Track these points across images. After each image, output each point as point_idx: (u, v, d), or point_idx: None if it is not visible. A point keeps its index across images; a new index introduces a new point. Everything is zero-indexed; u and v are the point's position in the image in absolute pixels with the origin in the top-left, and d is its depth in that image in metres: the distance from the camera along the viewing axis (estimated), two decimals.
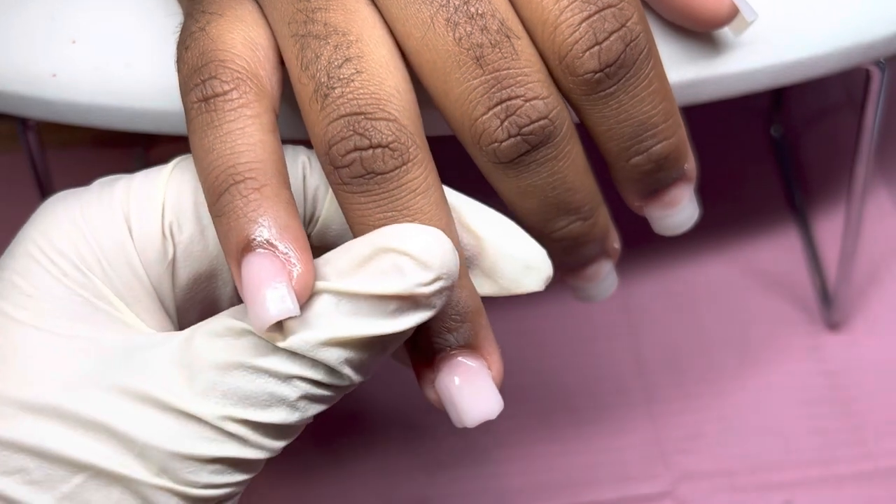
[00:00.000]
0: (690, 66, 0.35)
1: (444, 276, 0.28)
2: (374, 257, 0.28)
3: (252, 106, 0.29)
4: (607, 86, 0.30)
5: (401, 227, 0.29)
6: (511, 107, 0.30)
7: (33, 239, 0.30)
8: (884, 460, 0.45)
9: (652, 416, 0.47)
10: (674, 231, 0.34)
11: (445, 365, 0.30)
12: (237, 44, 0.30)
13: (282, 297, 0.27)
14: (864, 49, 0.36)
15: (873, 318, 0.49)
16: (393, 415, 0.47)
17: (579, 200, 0.32)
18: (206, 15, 0.30)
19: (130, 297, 0.30)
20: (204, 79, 0.29)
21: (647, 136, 0.31)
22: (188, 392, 0.28)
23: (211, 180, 0.29)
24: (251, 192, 0.28)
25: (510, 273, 0.31)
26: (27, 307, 0.29)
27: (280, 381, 0.28)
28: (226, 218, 0.28)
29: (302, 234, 0.28)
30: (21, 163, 0.44)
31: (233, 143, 0.28)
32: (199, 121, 0.29)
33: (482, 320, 0.31)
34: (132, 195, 0.31)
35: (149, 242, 0.30)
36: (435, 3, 0.29)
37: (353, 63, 0.29)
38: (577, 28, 0.29)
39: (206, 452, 0.28)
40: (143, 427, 0.28)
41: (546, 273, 0.31)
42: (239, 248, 0.28)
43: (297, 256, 0.28)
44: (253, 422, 0.28)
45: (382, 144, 0.29)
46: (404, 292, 0.28)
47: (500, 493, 0.45)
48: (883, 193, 0.53)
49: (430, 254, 0.28)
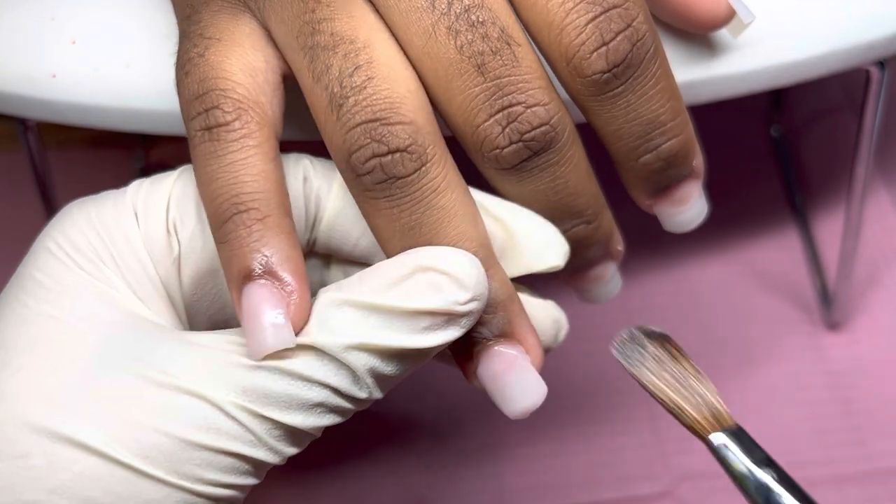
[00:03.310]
0: (690, 68, 0.35)
1: (478, 297, 0.29)
2: (411, 275, 0.29)
3: (254, 136, 0.30)
4: (615, 86, 0.30)
5: (438, 249, 0.30)
6: (512, 113, 0.30)
7: (52, 236, 0.31)
8: (884, 460, 0.45)
9: (652, 416, 0.47)
10: (684, 228, 0.34)
11: (484, 356, 0.31)
12: (236, 71, 0.30)
13: (279, 328, 0.28)
14: (864, 50, 0.36)
15: (873, 318, 0.49)
16: (393, 415, 0.47)
17: (582, 204, 0.32)
18: (204, 40, 0.31)
19: (142, 293, 0.31)
20: (206, 108, 0.30)
21: (655, 134, 0.31)
22: (209, 381, 0.28)
23: (214, 208, 0.29)
24: (254, 223, 0.29)
25: (533, 251, 0.32)
26: (48, 300, 0.30)
27: (302, 383, 0.29)
28: (228, 246, 0.29)
29: (302, 266, 0.29)
30: (21, 163, 0.44)
31: (236, 173, 0.29)
32: (203, 149, 0.30)
33: (514, 307, 0.31)
34: (142, 194, 0.32)
35: (155, 238, 0.31)
36: (436, 12, 0.29)
37: (364, 70, 0.29)
38: (584, 29, 0.30)
39: (217, 444, 0.28)
40: (159, 412, 0.28)
41: (564, 248, 0.32)
42: (241, 276, 0.29)
43: (295, 287, 0.29)
44: (269, 419, 0.28)
45: (400, 148, 0.29)
46: (440, 309, 0.29)
47: (500, 493, 0.45)
48: (883, 193, 0.53)
49: (468, 274, 0.29)
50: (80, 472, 0.28)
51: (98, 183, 0.35)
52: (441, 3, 0.29)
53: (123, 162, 0.56)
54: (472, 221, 0.30)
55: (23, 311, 0.30)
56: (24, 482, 0.28)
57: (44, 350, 0.29)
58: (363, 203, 0.30)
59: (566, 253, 0.32)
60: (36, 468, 0.28)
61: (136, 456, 0.28)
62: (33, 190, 0.42)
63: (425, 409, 0.48)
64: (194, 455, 0.28)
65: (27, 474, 0.28)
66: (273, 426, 0.29)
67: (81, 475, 0.28)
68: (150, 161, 0.56)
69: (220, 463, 0.28)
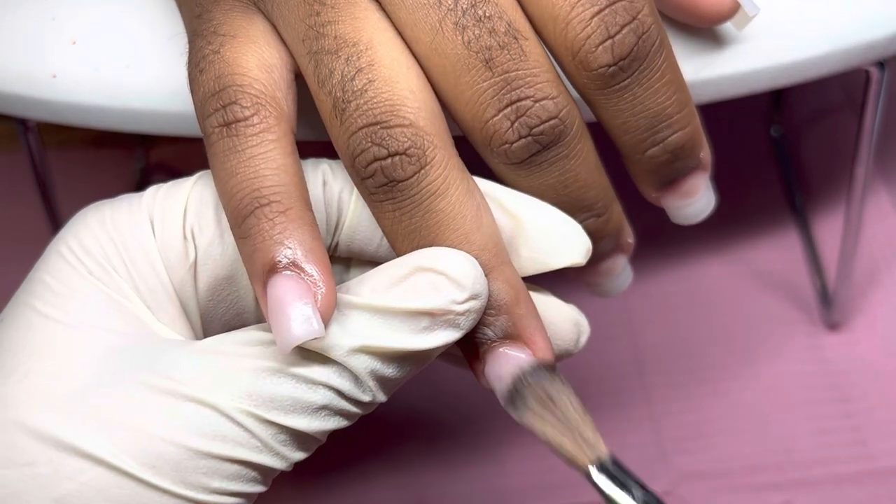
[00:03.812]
0: (690, 67, 0.35)
1: (476, 296, 0.29)
2: (410, 276, 0.29)
3: (273, 130, 0.29)
4: (621, 79, 0.30)
5: (437, 250, 0.30)
6: (521, 108, 0.30)
7: (65, 240, 0.31)
8: (884, 460, 0.45)
9: (652, 416, 0.47)
10: (692, 220, 0.34)
11: (490, 357, 0.31)
12: (253, 67, 0.30)
13: (307, 318, 0.28)
14: (864, 50, 0.36)
15: (873, 318, 0.49)
16: (393, 415, 0.47)
17: (592, 197, 0.32)
18: (218, 37, 0.30)
19: (153, 302, 0.31)
20: (224, 104, 0.29)
21: (662, 126, 0.31)
22: (213, 387, 0.28)
23: (235, 203, 0.29)
24: (277, 216, 0.29)
25: (551, 247, 0.31)
26: (56, 304, 0.30)
27: (306, 386, 0.28)
28: (251, 240, 0.29)
29: (325, 257, 0.29)
30: (21, 163, 0.44)
31: (256, 167, 0.29)
32: (221, 145, 0.29)
33: (521, 309, 0.31)
34: (158, 200, 0.31)
35: (171, 244, 0.31)
36: (443, 7, 0.29)
37: (365, 73, 0.29)
38: (589, 23, 0.30)
39: (223, 451, 0.28)
40: (165, 421, 0.28)
41: (586, 245, 0.32)
42: (265, 269, 0.29)
43: (321, 279, 0.28)
44: (275, 424, 0.28)
45: (399, 152, 0.29)
46: (438, 308, 0.29)
47: (500, 493, 0.45)
48: (883, 193, 0.53)
49: (465, 274, 0.29)
50: (86, 483, 0.28)
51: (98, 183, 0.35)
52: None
53: (123, 162, 0.56)
54: (476, 223, 0.30)
55: (31, 316, 0.30)
56: (29, 490, 0.28)
57: (51, 356, 0.29)
58: (370, 205, 0.30)
59: (588, 250, 0.32)
60: (42, 476, 0.28)
61: (142, 466, 0.28)
62: (33, 190, 0.42)
63: (428, 407, 0.48)
64: (201, 464, 0.28)
65: (33, 482, 0.28)
66: (279, 431, 0.29)
67: (87, 485, 0.28)
68: (150, 161, 0.56)
69: (226, 471, 0.28)
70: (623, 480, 0.30)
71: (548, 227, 0.31)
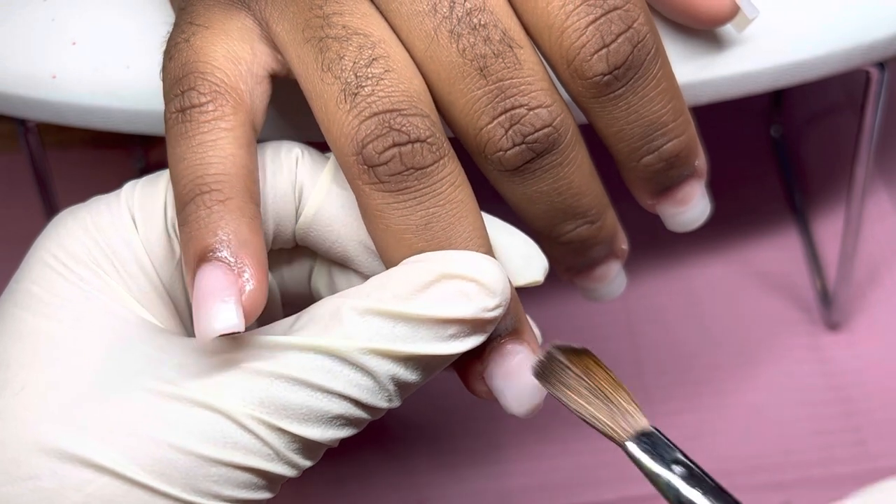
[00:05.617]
0: (690, 68, 0.35)
1: (505, 303, 0.29)
2: (436, 283, 0.28)
3: (228, 119, 0.29)
4: (616, 88, 0.30)
5: (461, 254, 0.29)
6: (515, 116, 0.30)
7: (47, 248, 0.30)
8: (884, 460, 0.45)
9: (652, 417, 0.47)
10: (687, 227, 0.34)
11: (496, 354, 0.31)
12: (218, 56, 0.30)
13: (228, 312, 0.27)
14: (864, 51, 0.36)
15: (873, 318, 0.49)
16: (393, 415, 0.47)
17: (586, 204, 0.32)
18: (192, 27, 0.30)
19: (145, 300, 0.30)
20: (183, 90, 0.29)
21: (657, 135, 0.31)
22: (224, 392, 0.28)
23: (179, 189, 0.29)
24: (215, 204, 0.28)
25: (514, 267, 0.31)
26: (48, 314, 0.29)
27: (322, 395, 0.28)
28: (188, 227, 0.28)
29: (262, 252, 0.28)
30: (21, 163, 0.44)
31: (203, 154, 0.29)
32: (175, 131, 0.29)
33: (519, 306, 0.31)
34: (136, 197, 0.31)
35: (156, 241, 0.31)
36: (438, 15, 0.29)
37: (381, 62, 0.29)
38: (584, 31, 0.30)
39: (235, 459, 0.28)
40: (173, 427, 0.27)
41: (544, 264, 0.32)
42: (196, 257, 0.28)
43: (251, 273, 0.28)
44: (287, 433, 0.28)
45: (421, 139, 0.29)
46: (469, 317, 0.28)
47: (500, 493, 0.45)
48: (883, 193, 0.53)
49: (496, 280, 0.29)
50: (92, 493, 0.27)
51: (98, 183, 0.35)
52: (443, 7, 0.29)
53: (123, 162, 0.56)
54: (481, 219, 0.30)
55: (20, 327, 0.29)
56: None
57: (46, 366, 0.29)
58: (371, 197, 0.29)
59: (545, 268, 0.32)
60: (45, 490, 0.27)
61: (150, 474, 0.27)
62: (33, 190, 0.42)
63: (429, 408, 0.48)
64: (211, 471, 0.27)
65: (36, 497, 0.27)
66: (291, 439, 0.28)
67: (93, 496, 0.27)
68: (150, 161, 0.56)
69: (237, 479, 0.28)
70: (662, 453, 0.29)
71: (508, 246, 0.31)
